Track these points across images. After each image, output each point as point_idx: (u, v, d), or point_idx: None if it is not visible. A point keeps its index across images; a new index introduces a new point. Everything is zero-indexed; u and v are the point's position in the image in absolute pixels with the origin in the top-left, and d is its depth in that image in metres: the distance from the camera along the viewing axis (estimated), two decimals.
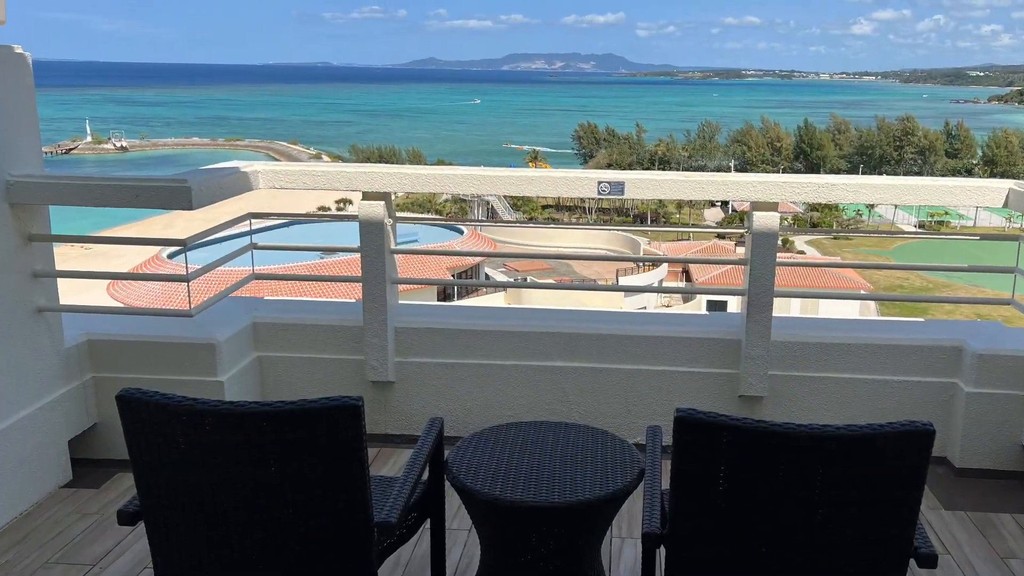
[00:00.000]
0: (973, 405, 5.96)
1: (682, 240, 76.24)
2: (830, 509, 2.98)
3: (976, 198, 5.86)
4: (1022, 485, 5.93)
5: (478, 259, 52.83)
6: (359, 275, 6.15)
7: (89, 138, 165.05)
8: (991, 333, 6.21)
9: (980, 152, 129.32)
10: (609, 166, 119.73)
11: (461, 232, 54.49)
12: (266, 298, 6.93)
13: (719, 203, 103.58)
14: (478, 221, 75.39)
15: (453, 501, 4.73)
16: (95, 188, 5.22)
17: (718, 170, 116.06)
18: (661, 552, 3.27)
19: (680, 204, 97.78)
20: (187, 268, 5.63)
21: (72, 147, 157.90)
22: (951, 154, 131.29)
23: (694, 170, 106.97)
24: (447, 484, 4.04)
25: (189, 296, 5.82)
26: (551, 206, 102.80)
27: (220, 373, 5.85)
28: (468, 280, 53.22)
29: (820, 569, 3.07)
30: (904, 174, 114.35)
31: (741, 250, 54.73)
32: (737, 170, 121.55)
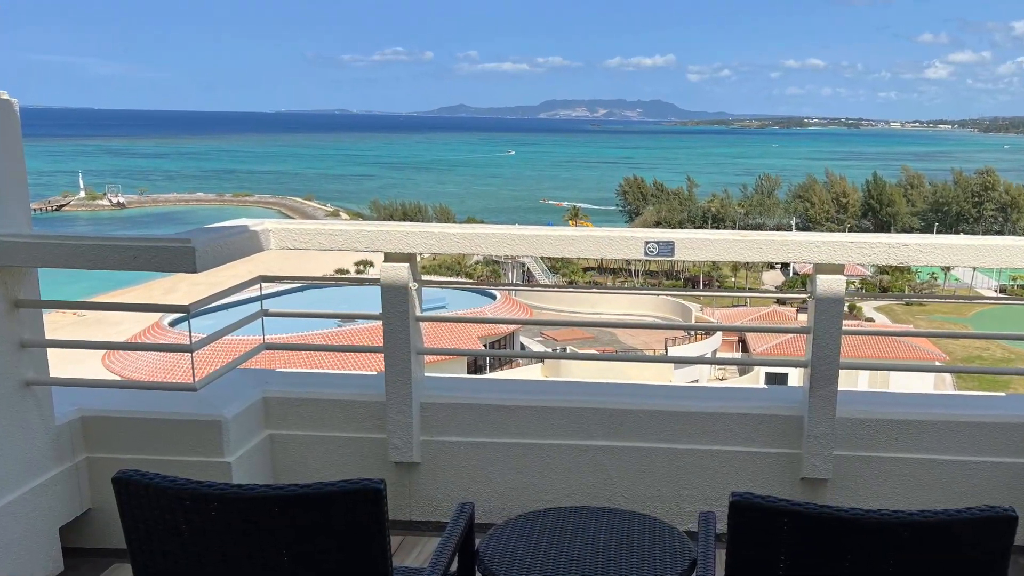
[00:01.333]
0: None
1: (738, 306, 76.07)
2: None
3: None
4: None
5: (512, 327, 52.89)
6: (381, 345, 6.15)
7: (82, 193, 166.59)
8: None
9: None
10: (657, 224, 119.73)
11: (493, 297, 54.59)
12: (278, 370, 6.93)
13: (779, 265, 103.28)
14: (512, 285, 75.56)
15: None
16: (89, 249, 5.17)
17: (778, 228, 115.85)
18: None
19: (736, 266, 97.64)
20: (191, 337, 5.65)
21: (64, 203, 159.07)
22: None
23: (751, 228, 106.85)
24: None
25: (193, 368, 5.83)
26: (593, 268, 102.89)
27: (227, 453, 5.85)
28: (501, 350, 53.23)
29: None
30: (984, 233, 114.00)
31: (803, 317, 54.55)
32: (799, 228, 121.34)
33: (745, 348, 61.06)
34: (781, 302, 71.41)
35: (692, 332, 56.91)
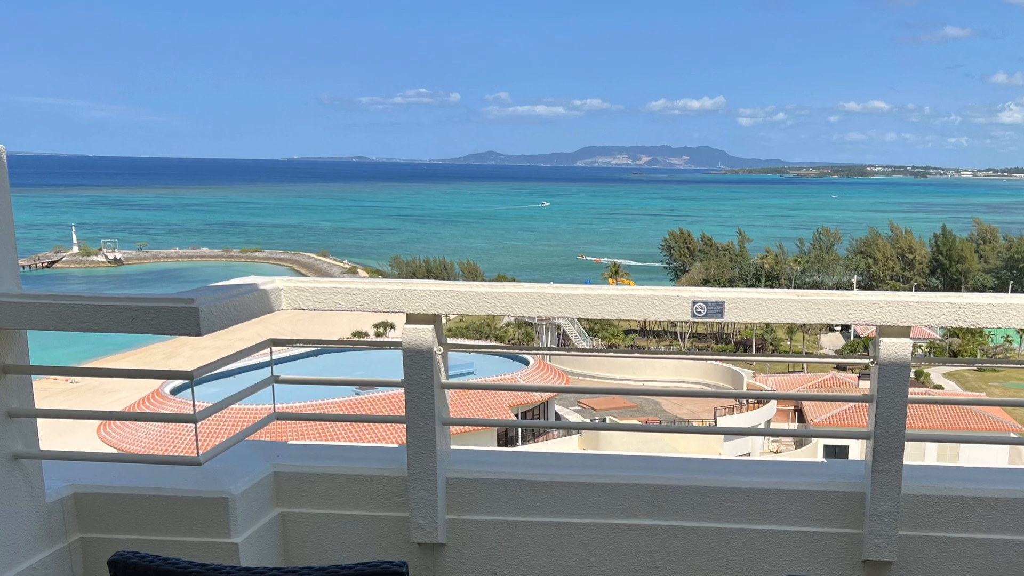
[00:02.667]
0: None
1: (794, 372, 75.86)
2: None
3: None
4: None
5: (546, 395, 52.81)
6: (402, 414, 6.13)
7: (76, 248, 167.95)
8: None
9: None
10: (705, 282, 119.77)
11: (526, 363, 54.59)
12: (290, 442, 6.93)
13: (839, 327, 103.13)
14: (547, 350, 75.47)
15: None
16: (83, 309, 5.12)
17: (838, 287, 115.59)
18: None
19: (791, 329, 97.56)
20: (194, 406, 5.64)
21: (55, 259, 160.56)
22: None
23: (808, 287, 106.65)
24: None
25: (197, 440, 5.82)
26: (635, 331, 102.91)
27: (234, 533, 5.83)
28: (535, 421, 53.21)
29: None
30: None
31: (865, 384, 54.32)
32: (861, 287, 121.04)
33: (802, 418, 60.88)
34: (841, 368, 71.18)
35: (744, 401, 56.74)
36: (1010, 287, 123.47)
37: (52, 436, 6.16)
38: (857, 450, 49.09)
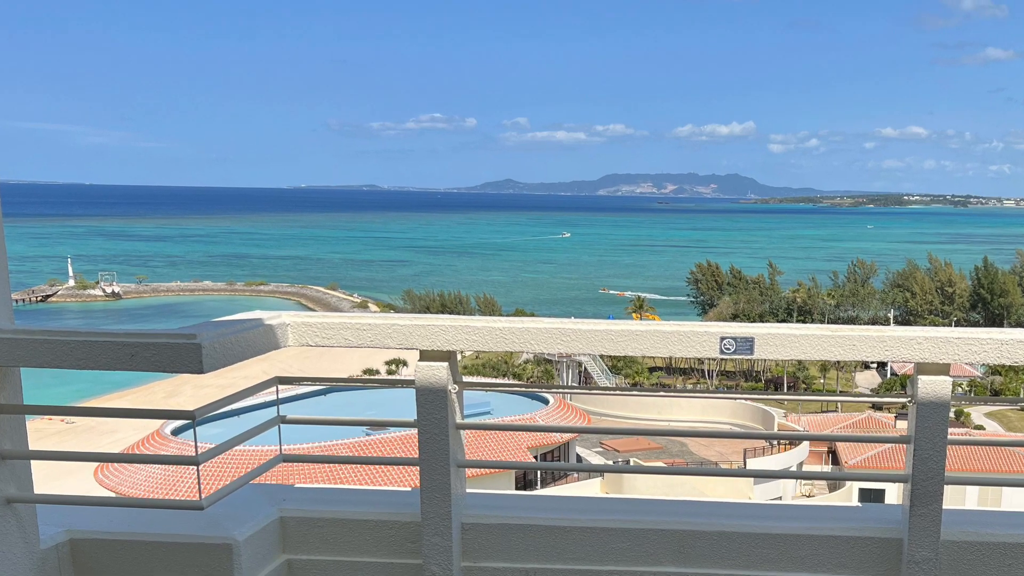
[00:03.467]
0: None
1: (827, 412, 75.67)
2: None
3: None
4: None
5: (567, 436, 52.75)
6: (415, 456, 6.12)
7: (72, 282, 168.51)
8: None
9: None
10: (735, 317, 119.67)
11: (546, 402, 54.52)
12: (297, 485, 6.92)
13: (874, 365, 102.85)
14: (567, 388, 75.45)
15: None
16: (79, 346, 5.08)
17: (873, 322, 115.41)
18: None
19: (825, 366, 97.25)
20: (196, 447, 5.63)
21: (50, 293, 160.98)
22: None
23: (842, 322, 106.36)
24: None
25: (199, 483, 5.79)
26: (660, 368, 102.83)
27: None
28: (554, 463, 53.17)
29: None
30: None
31: (903, 424, 54.20)
32: (898, 322, 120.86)
33: (836, 460, 60.73)
34: (877, 407, 71.08)
35: (775, 442, 56.64)
36: None
37: (47, 479, 6.17)
38: (894, 494, 48.88)
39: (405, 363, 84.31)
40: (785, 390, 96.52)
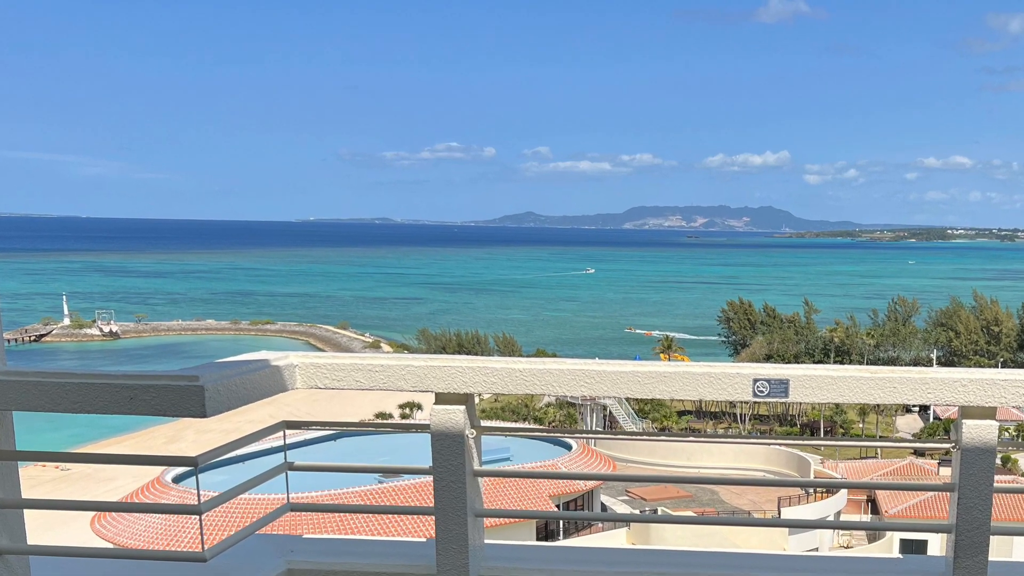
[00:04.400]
0: None
1: (866, 458, 75.44)
2: None
3: None
4: None
5: (591, 483, 52.64)
6: (430, 505, 6.09)
7: (67, 320, 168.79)
8: None
9: None
10: (769, 358, 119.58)
11: (569, 447, 54.44)
12: (306, 536, 6.91)
13: (916, 408, 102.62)
14: (591, 433, 75.34)
15: None
16: (75, 388, 5.11)
17: (915, 363, 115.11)
18: None
19: (864, 409, 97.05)
20: (199, 496, 5.61)
21: (44, 332, 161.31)
22: None
23: (882, 363, 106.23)
24: None
25: (202, 533, 5.79)
26: (690, 412, 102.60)
27: None
28: (578, 512, 53.02)
29: None
30: None
31: (946, 471, 53.96)
32: (941, 363, 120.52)
33: (875, 509, 60.52)
34: (919, 453, 70.85)
35: (811, 490, 56.47)
36: None
37: (41, 529, 6.17)
38: (937, 545, 48.72)
39: (420, 406, 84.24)
40: (822, 435, 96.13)
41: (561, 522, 50.39)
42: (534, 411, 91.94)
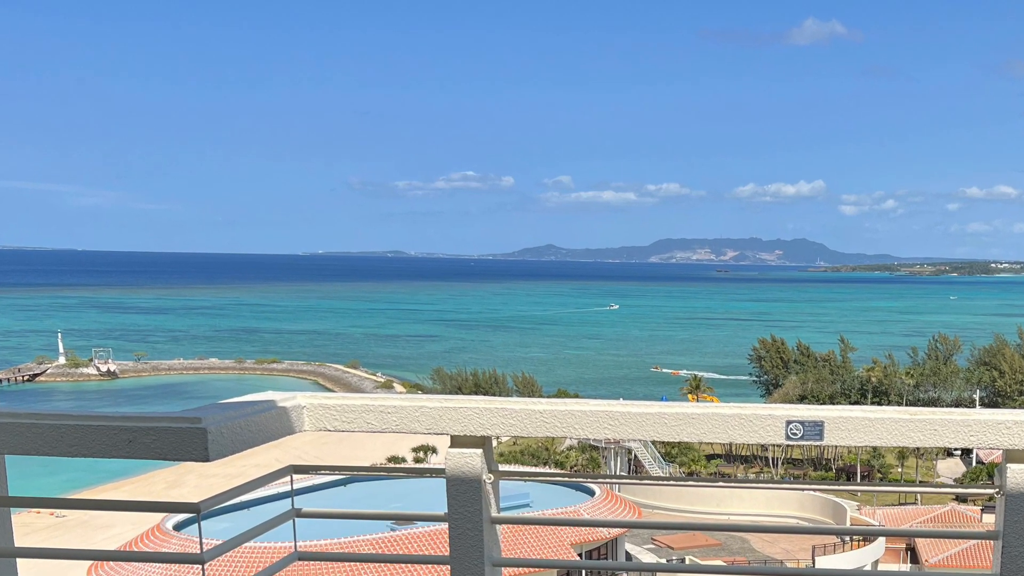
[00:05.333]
0: None
1: (906, 504, 75.25)
2: None
3: None
4: None
5: (615, 531, 52.60)
6: (445, 554, 6.08)
7: (62, 359, 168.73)
8: None
9: None
10: (802, 399, 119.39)
11: (592, 493, 54.41)
12: None
13: (958, 452, 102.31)
14: (615, 478, 75.37)
15: None
16: (70, 431, 5.12)
17: (957, 404, 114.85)
18: None
19: (903, 453, 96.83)
20: (202, 544, 5.61)
21: (38, 372, 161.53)
22: None
23: (922, 404, 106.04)
24: None
25: None
26: (719, 456, 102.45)
27: None
28: (601, 561, 52.96)
29: None
30: None
31: (989, 518, 53.87)
32: (984, 404, 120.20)
33: (915, 558, 60.39)
34: (961, 499, 70.71)
35: (847, 538, 56.40)
36: None
37: None
38: None
39: (434, 450, 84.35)
40: (858, 480, 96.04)
41: (584, 571, 50.33)
42: (555, 455, 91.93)
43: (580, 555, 48.49)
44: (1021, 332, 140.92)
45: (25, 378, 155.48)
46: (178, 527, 44.86)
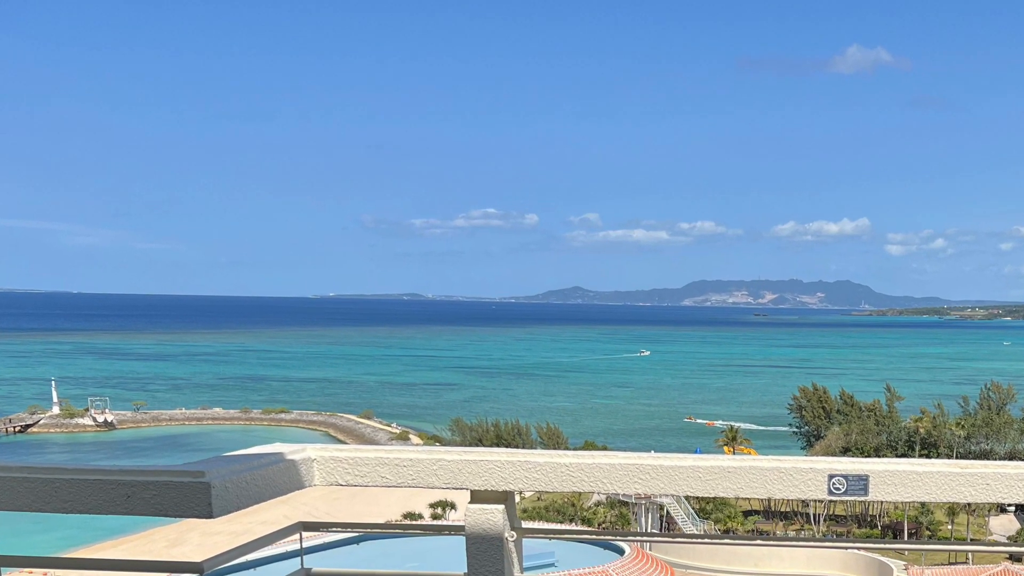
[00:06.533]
0: None
1: (956, 564, 74.89)
2: None
3: None
4: None
5: None
6: None
7: (57, 408, 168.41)
8: None
9: None
10: (846, 451, 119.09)
11: (621, 552, 54.29)
12: None
13: (1012, 508, 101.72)
14: (647, 536, 75.22)
15: None
16: (65, 485, 5.00)
17: (1011, 457, 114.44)
18: None
19: (953, 509, 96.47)
20: None
21: (31, 422, 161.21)
22: None
23: (975, 457, 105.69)
24: None
25: None
26: (758, 512, 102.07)
27: None
28: None
29: None
30: None
31: None
32: None
33: None
34: (1016, 559, 70.32)
35: None
36: None
37: None
38: None
39: (453, 506, 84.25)
40: (905, 537, 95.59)
41: None
42: (582, 511, 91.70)
43: None
44: None
45: (17, 429, 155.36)
46: None
